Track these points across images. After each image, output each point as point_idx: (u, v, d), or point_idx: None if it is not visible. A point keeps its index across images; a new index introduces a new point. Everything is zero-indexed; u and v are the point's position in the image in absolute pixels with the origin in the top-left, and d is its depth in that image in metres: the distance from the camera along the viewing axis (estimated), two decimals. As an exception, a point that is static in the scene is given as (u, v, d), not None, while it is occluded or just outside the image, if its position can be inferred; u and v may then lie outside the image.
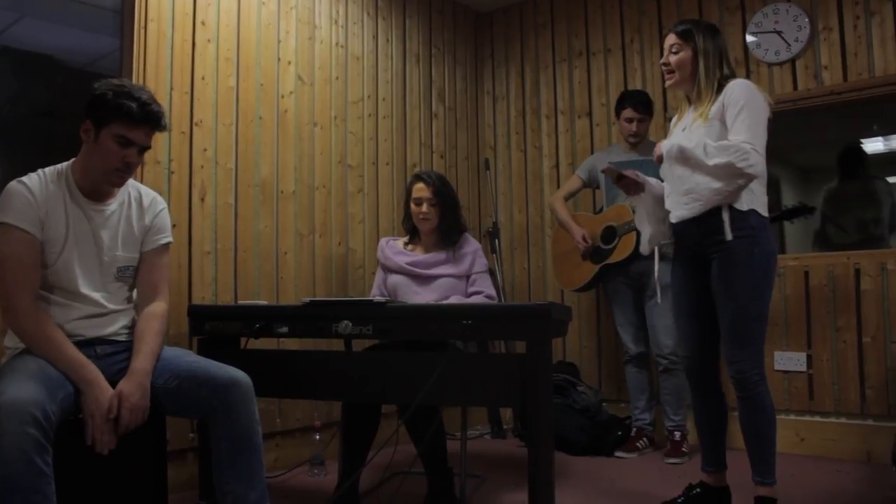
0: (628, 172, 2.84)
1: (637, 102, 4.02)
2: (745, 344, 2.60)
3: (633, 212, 3.77)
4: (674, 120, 2.92)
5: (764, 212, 2.64)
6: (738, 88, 2.60)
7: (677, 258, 2.85)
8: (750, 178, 2.53)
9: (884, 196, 4.39)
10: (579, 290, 4.32)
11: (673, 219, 2.74)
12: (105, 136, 2.22)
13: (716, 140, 2.58)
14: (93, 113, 2.23)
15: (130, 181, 2.44)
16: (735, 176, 2.52)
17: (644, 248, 2.98)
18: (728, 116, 2.58)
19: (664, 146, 2.69)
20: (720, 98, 2.63)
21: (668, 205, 2.78)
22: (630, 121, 4.01)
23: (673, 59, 2.75)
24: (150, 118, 2.24)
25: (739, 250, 2.59)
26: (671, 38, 2.76)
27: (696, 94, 2.72)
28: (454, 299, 3.14)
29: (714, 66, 2.69)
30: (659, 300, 3.24)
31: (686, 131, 2.72)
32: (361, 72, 4.32)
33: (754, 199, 2.61)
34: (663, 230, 2.86)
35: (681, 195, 2.68)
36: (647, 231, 2.92)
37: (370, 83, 4.38)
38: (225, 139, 3.52)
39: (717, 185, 2.55)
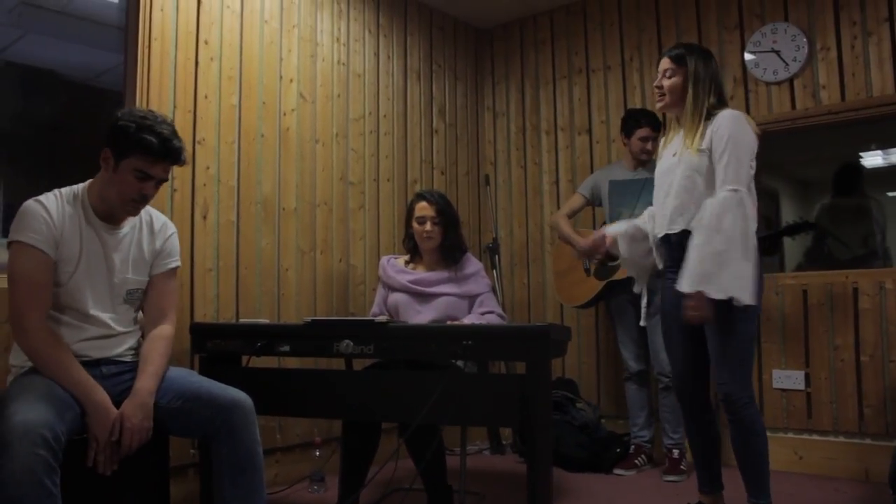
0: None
1: (653, 120, 4.04)
2: (733, 366, 2.61)
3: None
4: (662, 143, 2.95)
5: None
6: (724, 122, 2.61)
7: (670, 281, 2.81)
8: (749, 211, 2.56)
9: (876, 215, 4.42)
10: (582, 307, 4.34)
11: (665, 231, 2.75)
12: (125, 167, 2.24)
13: (704, 172, 2.62)
14: (113, 143, 2.25)
15: None
16: (740, 223, 2.52)
17: (638, 288, 3.10)
18: (714, 152, 2.60)
19: (685, 290, 2.56)
20: (709, 129, 2.64)
21: (659, 221, 2.80)
22: (646, 139, 4.02)
23: (666, 83, 2.76)
24: (170, 154, 2.27)
25: None
26: (665, 63, 2.78)
27: (684, 120, 2.74)
28: (470, 318, 3.17)
29: (704, 92, 2.69)
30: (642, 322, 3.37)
31: (677, 157, 2.73)
32: (363, 89, 4.35)
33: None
34: (649, 262, 2.94)
35: (680, 215, 2.70)
36: (635, 271, 3.03)
37: (371, 100, 4.41)
38: (227, 157, 3.55)
39: (738, 251, 2.52)
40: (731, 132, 2.59)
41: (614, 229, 3.02)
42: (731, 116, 2.63)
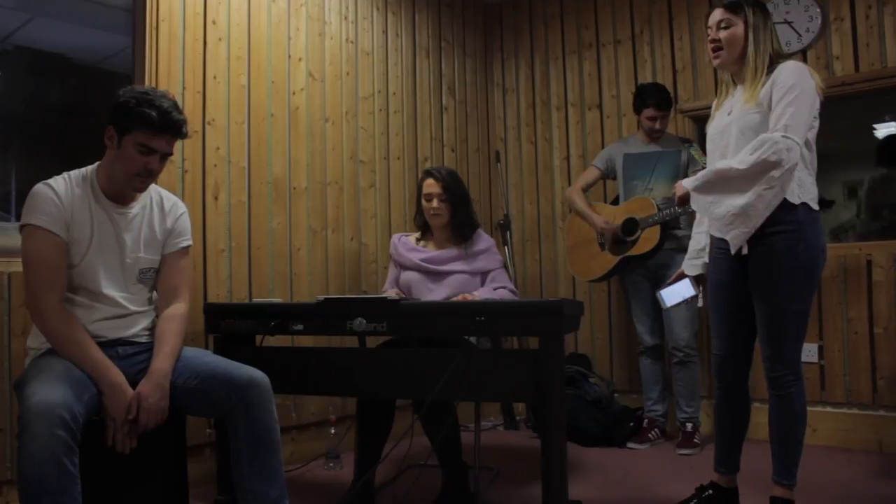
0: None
1: (660, 101, 4.01)
2: (781, 343, 2.52)
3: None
4: (714, 103, 2.76)
5: (814, 205, 2.50)
6: (787, 71, 2.45)
7: (718, 251, 2.69)
8: (785, 168, 2.35)
9: None
10: (595, 281, 4.34)
11: (732, 248, 2.56)
12: (127, 143, 2.25)
13: (762, 130, 2.45)
14: (116, 120, 2.26)
15: (153, 185, 2.48)
16: (768, 169, 2.36)
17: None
18: (774, 99, 2.43)
19: (684, 185, 2.64)
20: (769, 81, 2.47)
21: (714, 232, 2.66)
22: (653, 119, 4.01)
23: (723, 34, 2.56)
24: (171, 127, 2.27)
25: (783, 246, 2.46)
26: (718, 14, 2.59)
27: (746, 73, 2.55)
28: (482, 293, 3.17)
29: (766, 41, 2.53)
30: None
31: (732, 114, 2.57)
32: (371, 67, 4.33)
33: (804, 192, 2.48)
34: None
35: (722, 219, 2.54)
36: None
37: (380, 78, 4.39)
38: (237, 137, 3.55)
39: (752, 191, 2.40)
40: (795, 80, 2.41)
41: (692, 268, 2.83)
42: (795, 66, 2.47)
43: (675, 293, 2.82)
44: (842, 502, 2.94)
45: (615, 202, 4.22)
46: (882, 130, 5.36)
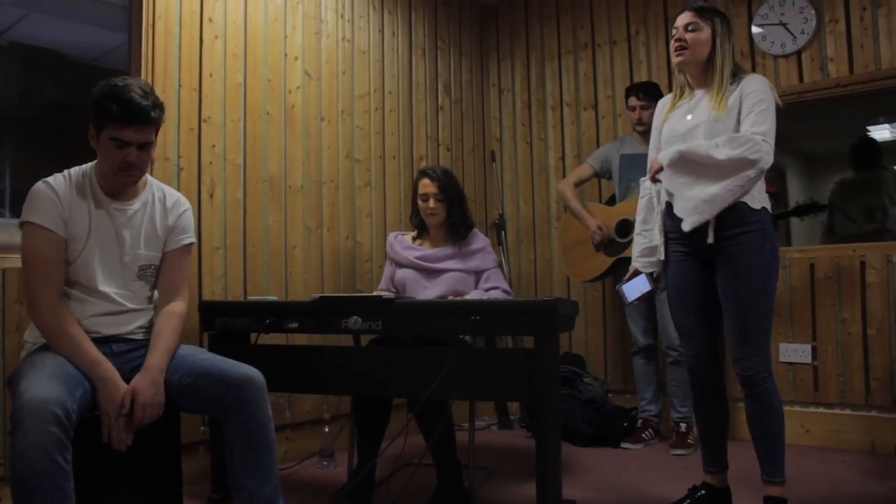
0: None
1: (640, 89, 4.05)
2: (752, 340, 2.55)
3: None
4: (665, 104, 2.82)
5: (770, 207, 2.61)
6: (758, 84, 2.56)
7: (678, 254, 2.74)
8: (761, 170, 2.46)
9: (887, 186, 4.40)
10: (590, 281, 4.34)
11: (686, 226, 2.58)
12: (103, 139, 2.24)
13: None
14: (92, 117, 2.26)
15: (155, 182, 2.49)
16: (745, 167, 2.44)
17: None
18: (744, 109, 2.53)
19: (662, 157, 2.60)
20: (737, 91, 2.57)
21: (677, 211, 2.64)
22: (633, 108, 4.03)
23: (689, 36, 2.61)
24: (134, 118, 2.20)
25: (752, 245, 2.54)
26: (687, 17, 2.64)
27: (713, 80, 2.62)
28: (474, 294, 3.18)
29: (729, 52, 2.63)
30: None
31: (695, 118, 2.63)
32: (368, 66, 4.33)
33: (763, 198, 2.58)
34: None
35: (690, 202, 2.57)
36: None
37: (376, 77, 4.39)
38: (233, 135, 3.55)
39: (724, 182, 2.47)
40: (766, 94, 2.54)
41: (647, 266, 2.87)
42: (764, 81, 2.58)
43: (635, 288, 2.86)
44: (835, 502, 2.95)
45: (610, 201, 4.22)
46: (876, 133, 5.37)
